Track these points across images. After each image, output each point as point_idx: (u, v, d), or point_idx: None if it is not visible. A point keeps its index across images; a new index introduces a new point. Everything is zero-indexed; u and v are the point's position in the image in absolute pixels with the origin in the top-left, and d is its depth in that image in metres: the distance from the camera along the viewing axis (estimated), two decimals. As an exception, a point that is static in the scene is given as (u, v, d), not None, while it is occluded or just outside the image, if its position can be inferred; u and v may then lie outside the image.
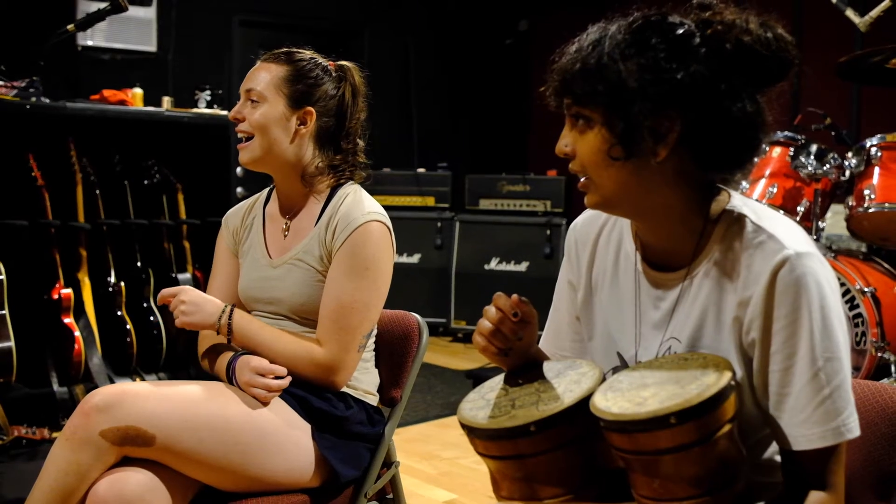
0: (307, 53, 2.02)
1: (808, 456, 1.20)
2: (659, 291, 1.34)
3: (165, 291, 1.89)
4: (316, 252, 1.93)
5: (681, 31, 1.20)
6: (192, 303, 1.87)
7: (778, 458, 1.30)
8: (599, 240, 1.46)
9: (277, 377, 1.82)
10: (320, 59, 2.02)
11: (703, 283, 1.29)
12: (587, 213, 1.50)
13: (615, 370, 1.38)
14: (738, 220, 1.27)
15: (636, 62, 1.19)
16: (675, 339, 1.31)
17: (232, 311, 1.89)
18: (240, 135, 1.97)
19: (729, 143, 1.22)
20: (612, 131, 1.22)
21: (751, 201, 1.31)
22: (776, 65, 1.23)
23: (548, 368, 1.38)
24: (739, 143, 1.23)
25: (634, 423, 1.12)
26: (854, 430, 1.20)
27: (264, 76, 1.96)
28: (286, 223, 2.02)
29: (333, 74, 2.01)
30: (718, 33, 1.20)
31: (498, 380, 1.39)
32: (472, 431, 1.27)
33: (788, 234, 1.22)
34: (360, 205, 1.93)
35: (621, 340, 1.39)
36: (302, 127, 1.96)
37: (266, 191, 2.13)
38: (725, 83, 1.20)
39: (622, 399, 1.17)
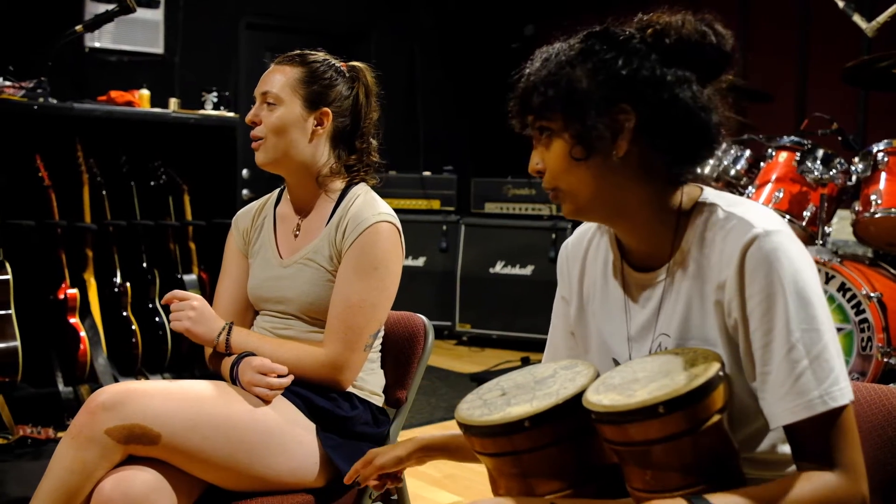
0: (320, 55, 2.03)
1: (803, 433, 1.19)
2: (645, 292, 1.36)
3: (178, 292, 1.91)
4: (326, 252, 1.93)
5: (620, 38, 1.27)
6: (200, 313, 1.91)
7: (777, 450, 1.30)
8: (588, 253, 1.49)
9: (279, 376, 1.82)
10: (333, 61, 2.04)
11: (683, 275, 1.31)
12: (577, 232, 1.54)
13: None
14: (710, 209, 1.30)
15: (584, 67, 1.26)
16: (665, 334, 1.33)
17: (231, 328, 1.91)
18: (254, 139, 1.97)
19: (684, 130, 1.26)
20: (571, 133, 1.26)
21: (722, 192, 1.34)
22: (716, 54, 1.28)
23: (544, 369, 1.39)
24: (694, 129, 1.26)
25: (623, 414, 1.13)
26: (839, 398, 1.17)
27: (279, 78, 1.96)
28: (297, 223, 2.03)
29: (347, 75, 2.03)
30: (657, 32, 1.27)
31: (495, 381, 1.41)
32: (468, 429, 1.28)
33: (758, 215, 1.25)
34: (371, 206, 1.94)
35: (615, 346, 1.41)
36: (319, 128, 1.97)
37: (276, 191, 2.14)
38: (671, 73, 1.25)
39: (613, 392, 1.18)
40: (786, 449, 1.29)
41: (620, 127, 1.25)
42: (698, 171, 1.32)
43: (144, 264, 4.23)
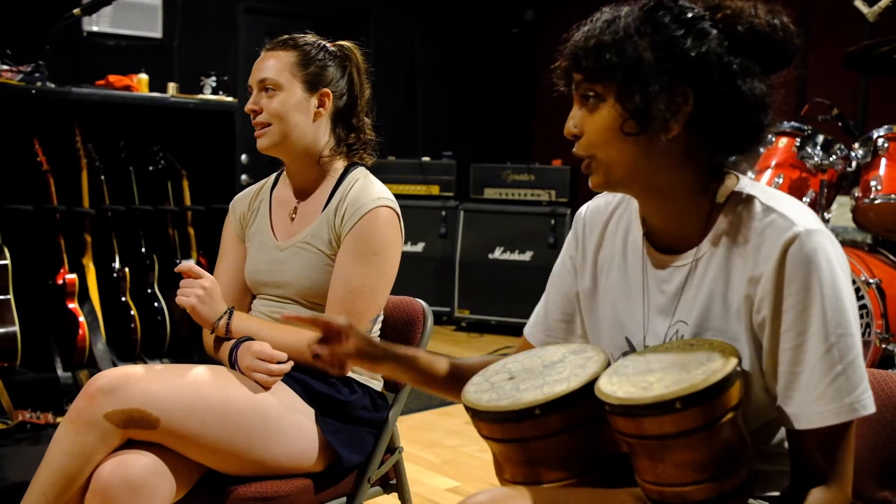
0: (309, 37, 2.02)
1: (817, 439, 1.19)
2: (666, 275, 1.33)
3: (194, 267, 1.89)
4: (325, 236, 1.93)
5: (691, 15, 1.22)
6: (209, 293, 1.89)
7: (786, 445, 1.29)
8: (608, 226, 1.45)
9: (279, 362, 1.82)
10: (323, 42, 2.03)
11: (710, 264, 1.28)
12: (598, 200, 1.50)
13: (624, 355, 1.37)
14: (747, 200, 1.27)
15: (651, 39, 1.21)
16: (683, 322, 1.30)
17: (231, 313, 1.91)
18: (258, 127, 1.96)
19: (738, 123, 1.23)
20: (625, 106, 1.22)
21: (759, 184, 1.31)
22: (783, 50, 1.25)
23: (553, 353, 1.38)
24: (747, 123, 1.24)
25: (639, 408, 1.12)
26: (869, 406, 1.18)
27: (274, 64, 1.95)
28: (294, 206, 2.02)
29: (338, 55, 2.02)
30: (728, 17, 1.23)
31: (502, 364, 1.39)
32: (476, 414, 1.27)
33: (798, 212, 1.23)
34: (370, 190, 1.94)
35: (629, 325, 1.38)
36: (321, 109, 1.97)
37: (274, 175, 2.13)
38: (737, 63, 1.21)
39: (627, 383, 1.17)
40: None
41: (678, 109, 1.21)
42: (739, 164, 1.30)
43: (143, 249, 4.22)
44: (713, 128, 1.23)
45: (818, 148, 3.79)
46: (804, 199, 3.80)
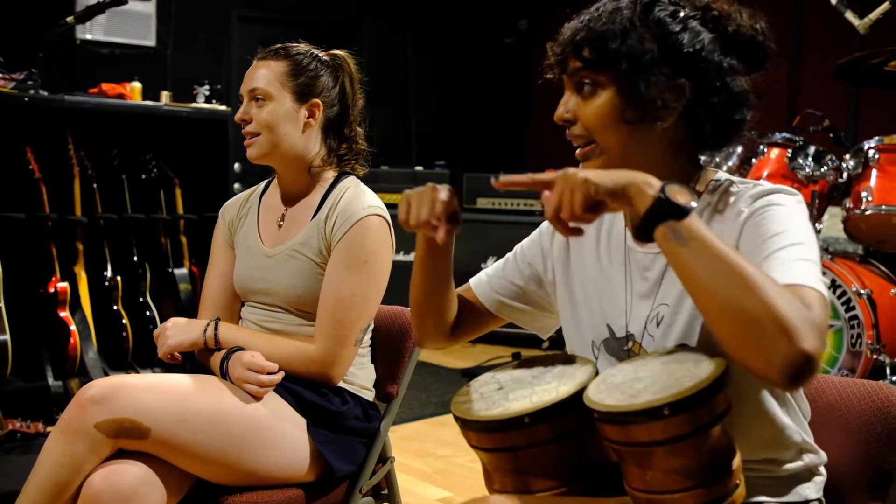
0: (302, 46, 2.02)
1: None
2: (648, 261, 1.36)
3: (156, 333, 1.97)
4: (315, 244, 1.93)
5: (683, 14, 1.29)
6: (174, 327, 1.95)
7: (774, 445, 1.30)
8: None
9: (270, 373, 1.82)
10: (316, 51, 2.03)
11: None
12: None
13: (605, 342, 1.40)
14: (725, 185, 1.33)
15: (652, 32, 1.27)
16: (664, 304, 1.33)
17: (217, 324, 1.91)
18: (248, 137, 1.96)
19: (725, 117, 1.30)
20: (626, 94, 1.27)
21: (736, 177, 1.37)
22: (764, 52, 1.33)
23: (541, 363, 1.39)
24: (733, 117, 1.31)
25: (628, 415, 1.13)
26: (825, 289, 1.18)
27: (265, 73, 1.95)
28: (282, 213, 2.02)
29: (330, 65, 2.02)
30: (717, 18, 1.30)
31: (491, 374, 1.40)
32: (465, 424, 1.27)
33: (773, 184, 1.29)
34: (361, 198, 1.93)
35: (610, 312, 1.40)
36: (311, 119, 1.97)
37: (264, 182, 2.13)
38: (727, 62, 1.29)
39: (616, 391, 1.17)
40: (782, 444, 1.30)
41: (675, 100, 1.27)
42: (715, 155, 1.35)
43: (135, 258, 4.22)
44: (704, 120, 1.30)
45: (809, 159, 3.81)
46: (796, 209, 3.82)
